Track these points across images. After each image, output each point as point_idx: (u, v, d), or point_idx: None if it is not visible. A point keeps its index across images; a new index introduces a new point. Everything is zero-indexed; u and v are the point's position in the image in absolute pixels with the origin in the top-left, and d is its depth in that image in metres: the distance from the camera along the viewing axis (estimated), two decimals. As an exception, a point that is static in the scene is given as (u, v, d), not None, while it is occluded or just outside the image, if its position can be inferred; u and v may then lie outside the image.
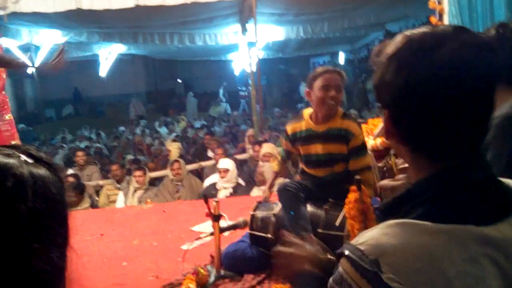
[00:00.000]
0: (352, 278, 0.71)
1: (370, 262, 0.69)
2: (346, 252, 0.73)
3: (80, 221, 4.25)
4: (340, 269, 0.74)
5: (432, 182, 0.75)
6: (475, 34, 0.76)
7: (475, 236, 0.69)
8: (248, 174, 5.98)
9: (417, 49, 0.73)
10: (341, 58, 16.71)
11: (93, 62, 13.79)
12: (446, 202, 0.72)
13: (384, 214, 0.78)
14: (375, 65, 0.80)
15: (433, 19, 3.84)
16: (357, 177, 2.31)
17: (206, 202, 2.74)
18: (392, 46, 0.77)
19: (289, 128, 2.87)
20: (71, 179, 5.62)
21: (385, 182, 1.85)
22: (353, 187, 2.37)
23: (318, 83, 2.62)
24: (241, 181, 5.37)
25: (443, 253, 0.67)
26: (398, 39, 0.77)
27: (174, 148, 7.39)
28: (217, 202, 2.79)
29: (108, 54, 12.59)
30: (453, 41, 0.71)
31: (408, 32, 0.77)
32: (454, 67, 0.70)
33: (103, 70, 13.80)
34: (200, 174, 6.83)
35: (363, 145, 2.70)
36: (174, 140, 8.33)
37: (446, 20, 3.66)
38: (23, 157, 0.72)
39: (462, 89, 0.70)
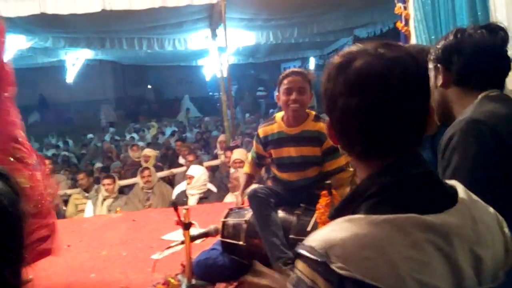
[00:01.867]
0: (306, 275, 0.74)
1: (319, 255, 0.72)
2: (298, 251, 0.77)
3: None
4: (295, 271, 0.77)
5: (373, 180, 0.80)
6: (397, 48, 0.81)
7: (416, 223, 0.73)
8: (220, 180, 5.94)
9: (338, 64, 0.82)
10: (311, 63, 16.88)
11: (59, 68, 13.45)
12: (387, 196, 0.78)
13: (335, 217, 0.81)
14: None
15: (400, 24, 3.91)
16: (328, 182, 2.31)
17: (176, 210, 2.68)
18: (329, 61, 0.86)
19: (261, 131, 2.85)
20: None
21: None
22: (324, 192, 2.36)
23: (282, 87, 2.64)
24: (212, 188, 5.32)
25: (387, 241, 0.71)
26: (336, 55, 0.86)
27: (153, 154, 7.27)
28: (187, 209, 2.73)
29: (75, 60, 12.30)
30: (366, 56, 0.79)
31: (345, 49, 0.86)
32: (364, 78, 0.78)
33: (70, 76, 13.47)
34: (171, 182, 6.74)
35: (337, 147, 2.69)
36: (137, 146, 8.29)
37: (412, 25, 3.74)
38: None
39: (372, 97, 0.78)
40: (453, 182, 0.85)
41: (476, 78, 1.43)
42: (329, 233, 0.75)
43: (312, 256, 0.73)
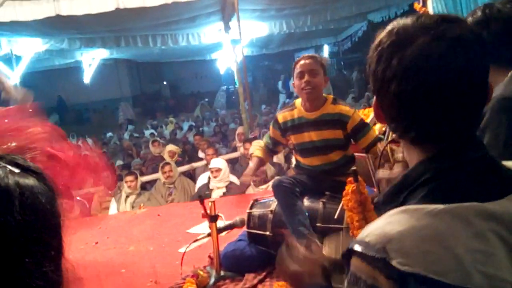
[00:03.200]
0: (364, 272, 0.70)
1: (377, 251, 0.68)
2: (353, 247, 0.72)
3: (73, 230, 4.18)
4: (351, 268, 0.73)
5: (428, 165, 0.75)
6: (459, 25, 0.75)
7: (478, 212, 0.68)
8: (241, 172, 5.94)
9: (393, 43, 0.76)
10: (325, 51, 16.76)
11: (76, 69, 13.64)
12: (444, 182, 0.73)
13: (384, 204, 0.77)
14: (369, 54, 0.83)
15: (417, 6, 3.84)
16: (354, 168, 2.29)
17: (202, 203, 2.70)
18: (378, 37, 0.80)
19: (280, 116, 2.83)
20: (61, 188, 5.54)
21: (381, 174, 1.83)
22: (350, 179, 2.34)
23: (295, 72, 2.65)
24: (234, 180, 5.34)
25: (449, 232, 0.67)
26: (385, 30, 0.80)
27: (178, 151, 7.31)
28: (212, 202, 2.75)
29: (91, 60, 12.44)
30: (427, 35, 0.73)
31: (393, 24, 0.79)
32: (423, 61, 0.72)
33: (87, 77, 13.64)
34: (192, 176, 6.78)
35: (364, 122, 2.68)
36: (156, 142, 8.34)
37: (429, 5, 3.67)
38: (9, 167, 0.68)
39: (432, 81, 0.72)
40: (509, 163, 0.78)
41: (506, 55, 1.40)
42: (385, 226, 0.70)
43: (368, 253, 0.69)
